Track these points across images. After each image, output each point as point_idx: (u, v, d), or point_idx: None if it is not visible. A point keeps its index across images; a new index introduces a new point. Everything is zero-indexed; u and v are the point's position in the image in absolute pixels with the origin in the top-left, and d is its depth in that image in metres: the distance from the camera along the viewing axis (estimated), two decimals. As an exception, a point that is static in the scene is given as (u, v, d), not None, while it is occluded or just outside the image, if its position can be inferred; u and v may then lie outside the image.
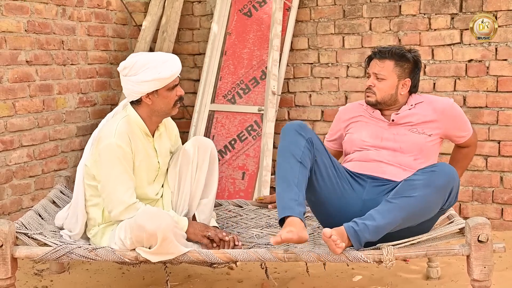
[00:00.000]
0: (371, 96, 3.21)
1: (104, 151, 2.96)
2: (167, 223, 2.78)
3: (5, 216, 3.95)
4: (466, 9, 4.31)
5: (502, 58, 4.23)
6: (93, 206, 3.11)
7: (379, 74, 3.18)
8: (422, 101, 3.23)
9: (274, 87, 4.63)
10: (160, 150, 3.17)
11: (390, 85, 3.17)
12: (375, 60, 3.22)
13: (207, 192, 3.26)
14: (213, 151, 3.25)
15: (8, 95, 3.97)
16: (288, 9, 4.79)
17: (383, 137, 3.18)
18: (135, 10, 5.23)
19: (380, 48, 3.24)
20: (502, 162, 4.28)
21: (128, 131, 3.00)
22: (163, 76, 2.95)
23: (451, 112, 3.21)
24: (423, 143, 3.13)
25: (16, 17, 4.02)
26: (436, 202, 2.82)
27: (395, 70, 3.17)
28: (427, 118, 3.18)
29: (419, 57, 3.26)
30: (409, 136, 3.15)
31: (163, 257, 2.83)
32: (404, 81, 3.19)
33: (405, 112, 3.20)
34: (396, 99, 3.20)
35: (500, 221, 4.29)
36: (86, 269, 3.73)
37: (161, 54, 3.05)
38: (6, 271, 2.83)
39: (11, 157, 4.00)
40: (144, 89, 2.97)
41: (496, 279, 3.18)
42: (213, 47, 4.98)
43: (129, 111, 3.08)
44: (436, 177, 2.78)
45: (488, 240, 2.68)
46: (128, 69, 2.97)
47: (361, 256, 2.72)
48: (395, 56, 3.18)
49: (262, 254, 2.78)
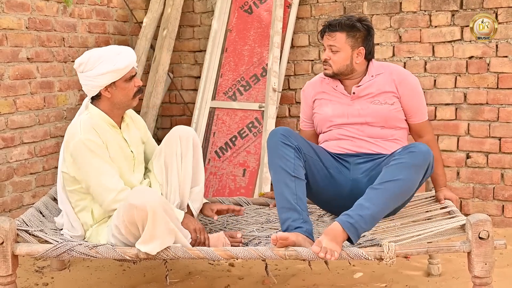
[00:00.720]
0: (328, 68, 3.29)
1: (76, 150, 2.97)
2: (155, 198, 2.79)
3: (6, 213, 3.95)
4: (466, 6, 4.30)
5: (502, 55, 4.23)
6: (81, 211, 3.11)
7: (332, 47, 3.25)
8: (383, 72, 3.31)
9: (274, 84, 4.63)
10: (131, 140, 3.19)
11: (344, 56, 3.25)
12: (327, 33, 3.27)
13: (196, 180, 3.27)
14: (195, 139, 3.27)
15: (9, 92, 3.96)
16: (289, 6, 4.78)
17: (349, 113, 3.29)
18: (136, 7, 5.23)
19: (330, 21, 3.28)
20: (503, 159, 4.27)
21: (93, 125, 3.02)
22: (118, 67, 2.99)
23: (410, 83, 3.30)
24: (386, 112, 3.25)
25: (17, 14, 4.01)
26: (418, 179, 2.97)
27: (347, 41, 3.23)
28: (387, 88, 3.27)
29: (370, 23, 3.31)
30: (372, 108, 3.25)
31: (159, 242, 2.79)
32: (358, 50, 3.25)
33: (366, 84, 3.28)
34: (353, 68, 3.28)
35: (501, 218, 4.29)
36: (87, 266, 3.73)
37: (114, 47, 3.09)
38: (7, 268, 2.83)
39: (12, 154, 4.00)
40: (102, 82, 3.01)
41: (497, 276, 3.18)
42: (213, 44, 4.98)
43: (90, 109, 3.11)
44: (415, 157, 2.91)
45: (489, 237, 2.68)
46: (84, 65, 3.01)
47: (362, 253, 2.72)
48: (345, 27, 3.23)
49: (263, 251, 2.78)
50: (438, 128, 4.44)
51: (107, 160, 3.00)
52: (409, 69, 4.49)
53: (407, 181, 2.89)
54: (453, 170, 4.42)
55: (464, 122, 4.36)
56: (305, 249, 2.75)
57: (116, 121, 3.14)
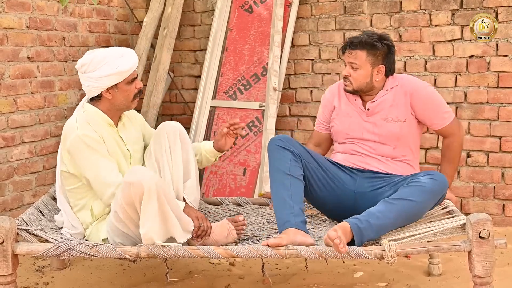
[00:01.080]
0: (348, 85, 3.32)
1: (73, 146, 2.99)
2: (150, 175, 2.81)
3: (6, 212, 3.95)
4: (466, 5, 4.30)
5: (503, 54, 4.23)
6: (80, 210, 3.12)
7: (353, 64, 3.27)
8: (397, 84, 3.32)
9: (275, 83, 4.63)
10: (127, 138, 3.20)
11: (364, 73, 3.27)
12: (348, 51, 3.30)
13: (188, 173, 3.27)
14: (182, 132, 3.27)
15: (9, 91, 3.97)
16: (289, 5, 4.78)
17: (364, 129, 3.32)
18: (136, 7, 5.23)
19: (352, 39, 3.30)
20: (503, 158, 4.27)
21: (89, 121, 3.04)
22: (122, 69, 3.01)
23: (421, 95, 3.29)
24: (398, 132, 3.27)
25: (17, 14, 4.01)
26: (430, 205, 3.05)
27: (368, 59, 3.26)
28: (400, 102, 3.28)
29: (390, 42, 3.32)
30: (385, 127, 3.28)
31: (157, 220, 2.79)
32: (378, 68, 3.27)
33: (380, 99, 3.30)
34: (372, 85, 3.30)
35: (502, 217, 4.29)
36: (87, 265, 3.73)
37: (117, 48, 3.11)
38: (7, 267, 2.83)
39: (13, 153, 4.00)
40: (104, 84, 3.02)
41: (497, 275, 3.18)
42: (214, 43, 4.98)
43: (86, 107, 3.12)
44: (435, 184, 2.99)
45: (489, 236, 2.68)
46: (87, 66, 3.02)
47: (362, 252, 2.72)
48: (366, 46, 3.25)
49: (263, 250, 2.78)
50: (439, 127, 4.44)
51: (105, 155, 3.02)
52: (409, 69, 4.50)
53: (421, 203, 2.97)
54: (454, 169, 4.42)
55: (464, 121, 4.36)
56: (305, 248, 2.76)
57: (114, 120, 3.15)
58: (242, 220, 3.12)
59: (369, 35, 3.28)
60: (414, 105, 3.27)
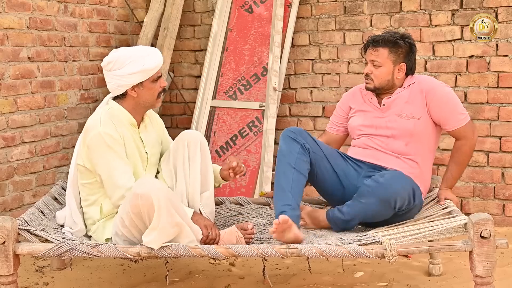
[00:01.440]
0: (370, 82, 3.36)
1: (93, 142, 2.99)
2: (159, 187, 2.80)
3: (6, 212, 3.95)
4: (466, 5, 4.30)
5: (502, 54, 4.23)
6: (90, 205, 3.12)
7: (375, 62, 3.32)
8: (414, 82, 3.35)
9: (275, 83, 4.63)
10: (147, 140, 3.19)
11: (386, 71, 3.31)
12: (370, 48, 3.35)
13: (206, 185, 3.26)
14: (203, 143, 3.26)
15: (9, 91, 3.96)
16: (289, 5, 4.78)
17: (377, 125, 3.36)
18: (136, 7, 5.23)
19: (374, 37, 3.35)
20: (504, 158, 4.28)
21: (112, 119, 3.04)
22: (148, 67, 3.02)
23: (437, 93, 3.30)
24: (412, 128, 3.28)
25: (18, 14, 4.01)
26: (381, 210, 3.05)
27: (389, 57, 3.30)
28: (415, 99, 3.31)
29: (412, 40, 3.36)
30: (398, 122, 3.30)
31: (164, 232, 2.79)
32: (399, 65, 3.32)
33: (396, 95, 3.34)
34: (394, 83, 3.34)
35: (502, 217, 4.29)
36: (88, 265, 3.73)
37: (143, 47, 3.13)
38: (8, 268, 2.82)
39: (13, 153, 4.00)
40: (130, 82, 3.03)
41: (498, 275, 3.18)
42: (214, 43, 4.98)
43: (111, 104, 3.12)
44: (379, 189, 3.02)
45: (490, 236, 2.68)
46: (113, 64, 3.02)
47: (363, 251, 2.72)
48: (388, 43, 3.30)
49: (264, 249, 2.78)
50: (439, 127, 4.44)
51: (122, 156, 3.01)
52: (410, 69, 4.50)
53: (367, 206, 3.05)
54: (454, 169, 4.42)
55: (464, 121, 4.36)
56: (306, 247, 2.76)
57: (137, 120, 3.15)
58: (251, 229, 3.10)
59: (392, 33, 3.35)
60: (430, 103, 3.28)
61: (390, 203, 3.01)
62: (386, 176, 3.05)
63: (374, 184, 3.03)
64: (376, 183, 3.03)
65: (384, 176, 3.04)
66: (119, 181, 2.98)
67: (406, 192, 3.04)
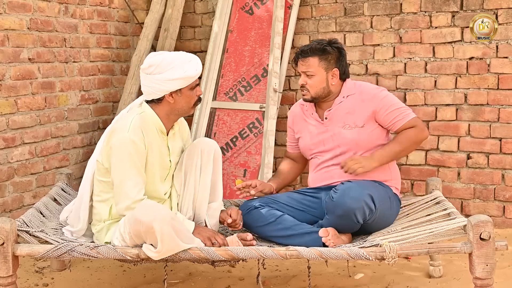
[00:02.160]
0: (306, 94, 3.37)
1: (117, 145, 2.96)
2: (162, 215, 2.77)
3: (6, 213, 3.95)
4: (466, 7, 4.30)
5: (503, 56, 4.23)
6: (101, 201, 3.11)
7: (307, 72, 3.33)
8: (354, 93, 3.36)
9: (275, 85, 4.63)
10: (173, 149, 3.18)
11: (320, 79, 3.32)
12: (300, 60, 3.35)
13: (215, 195, 3.25)
14: (217, 153, 3.24)
15: (10, 92, 3.97)
16: (290, 6, 4.78)
17: (324, 140, 3.37)
18: (137, 8, 5.23)
19: (302, 48, 3.37)
20: (504, 160, 4.27)
21: (142, 127, 3.00)
22: (189, 74, 2.99)
23: (378, 98, 3.31)
24: (357, 137, 3.29)
25: (18, 15, 4.01)
26: (346, 224, 3.05)
27: (320, 65, 3.32)
28: (357, 109, 3.31)
29: (340, 45, 3.39)
30: (343, 134, 3.31)
31: (166, 255, 2.82)
32: (332, 72, 3.33)
33: (336, 107, 3.35)
34: (330, 90, 3.35)
35: (502, 219, 4.29)
36: (87, 266, 3.73)
37: (184, 53, 3.07)
38: (8, 269, 2.83)
39: (13, 154, 4.00)
40: (169, 88, 2.99)
41: (498, 277, 3.18)
42: (214, 44, 4.98)
43: (144, 108, 3.08)
44: (334, 207, 3.03)
45: (490, 238, 2.68)
46: (154, 67, 2.97)
47: (363, 253, 2.72)
48: (316, 52, 3.32)
49: (264, 251, 2.78)
50: (439, 129, 4.44)
51: (139, 167, 2.98)
52: (410, 70, 4.50)
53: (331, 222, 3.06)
54: (454, 171, 4.42)
55: (464, 123, 4.36)
56: (305, 249, 2.76)
57: (167, 127, 3.12)
58: (250, 240, 3.09)
59: (318, 41, 3.37)
60: (376, 108, 3.28)
61: (351, 218, 2.99)
62: (338, 192, 3.04)
63: (330, 202, 3.05)
64: (331, 200, 3.05)
65: (337, 192, 3.04)
66: (128, 192, 2.95)
67: (360, 203, 2.99)
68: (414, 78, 4.50)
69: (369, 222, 3.07)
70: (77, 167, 4.58)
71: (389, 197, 3.22)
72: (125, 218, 2.91)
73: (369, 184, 3.15)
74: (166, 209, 2.92)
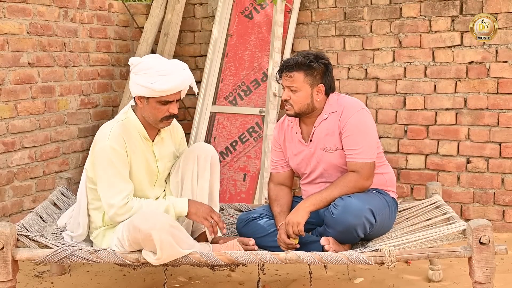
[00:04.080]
0: (290, 109, 3.19)
1: (98, 154, 2.97)
2: (162, 223, 2.76)
3: (6, 217, 3.95)
4: (466, 11, 4.31)
5: (502, 60, 4.23)
6: (94, 209, 3.11)
7: (291, 87, 3.15)
8: (336, 110, 3.19)
9: (275, 89, 4.63)
10: (161, 154, 3.15)
11: (304, 95, 3.14)
12: (285, 74, 3.18)
13: (212, 202, 3.24)
14: (214, 158, 3.21)
15: (10, 96, 3.97)
16: (289, 11, 4.79)
17: (310, 162, 3.26)
18: (137, 12, 5.24)
19: (287, 61, 3.18)
20: (503, 164, 4.27)
21: (123, 134, 2.99)
22: (155, 87, 2.91)
23: (349, 121, 3.14)
24: (338, 161, 3.18)
25: (18, 19, 4.02)
26: (346, 238, 3.03)
27: (306, 80, 3.14)
28: (334, 130, 3.17)
29: (327, 60, 3.20)
30: (325, 157, 3.21)
31: (167, 261, 2.82)
32: (317, 87, 3.16)
33: (320, 127, 3.20)
34: (313, 106, 3.18)
35: (502, 223, 4.29)
36: (87, 271, 3.73)
37: (167, 65, 2.98)
38: (7, 273, 2.83)
39: (13, 158, 4.00)
40: (136, 91, 2.97)
41: (498, 281, 3.18)
42: (214, 49, 4.98)
43: (129, 114, 3.08)
44: (335, 224, 2.98)
45: (490, 242, 2.68)
46: (133, 66, 2.99)
47: (363, 257, 2.72)
48: (302, 66, 3.12)
49: (263, 255, 2.78)
50: (439, 133, 4.44)
51: (122, 174, 2.97)
52: (409, 74, 4.50)
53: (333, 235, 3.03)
54: (454, 175, 4.42)
55: (464, 127, 4.36)
56: (305, 254, 2.76)
57: (150, 133, 3.09)
58: (252, 245, 3.07)
59: (304, 55, 3.16)
60: (343, 128, 3.14)
61: (352, 233, 2.98)
62: (338, 208, 2.98)
63: (331, 218, 2.99)
64: (331, 216, 2.99)
65: (337, 208, 2.98)
66: (112, 200, 2.94)
67: (361, 220, 2.96)
68: (413, 82, 4.50)
69: (369, 234, 3.06)
70: (77, 171, 4.58)
71: (387, 205, 3.18)
72: (124, 225, 2.91)
73: (368, 196, 3.08)
74: (165, 216, 2.90)
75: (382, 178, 3.26)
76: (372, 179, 3.14)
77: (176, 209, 3.01)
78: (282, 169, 3.41)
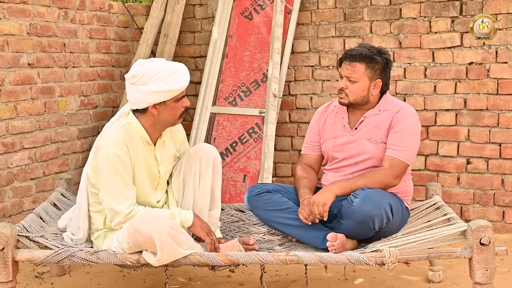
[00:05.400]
0: (344, 98, 3.27)
1: (102, 161, 2.94)
2: (162, 225, 2.76)
3: (6, 218, 3.95)
4: (466, 12, 4.31)
5: (502, 61, 4.24)
6: (95, 212, 3.10)
7: (351, 77, 3.22)
8: (391, 109, 3.26)
9: (275, 90, 4.63)
10: (162, 158, 3.14)
11: (362, 87, 3.22)
12: (346, 63, 3.24)
13: (214, 203, 3.24)
14: (216, 160, 3.21)
15: (10, 97, 3.97)
16: (289, 12, 4.79)
17: (347, 149, 3.30)
18: (136, 13, 5.24)
19: (351, 51, 3.24)
20: (503, 165, 4.27)
21: (126, 140, 2.96)
22: (173, 88, 2.90)
23: (403, 122, 3.21)
24: (378, 153, 3.22)
25: (18, 20, 4.02)
26: (361, 230, 3.02)
27: (366, 73, 3.21)
28: (384, 124, 3.23)
29: (389, 56, 3.29)
30: (368, 146, 3.24)
31: (167, 262, 2.82)
32: (375, 82, 3.24)
33: (370, 119, 3.27)
34: (368, 99, 3.26)
35: (502, 224, 4.29)
36: (87, 272, 3.73)
37: (170, 64, 2.98)
38: (8, 274, 2.83)
39: (13, 159, 4.00)
40: (152, 100, 2.92)
41: (498, 282, 3.18)
42: (214, 49, 4.99)
43: (130, 119, 3.04)
44: (354, 212, 2.98)
45: (490, 243, 2.69)
46: (137, 78, 2.91)
47: (363, 258, 2.72)
48: (365, 59, 3.20)
49: (263, 256, 2.78)
50: (439, 134, 4.44)
51: (127, 181, 2.96)
52: (409, 75, 4.50)
53: (348, 227, 3.03)
54: (454, 176, 4.42)
55: (464, 128, 4.37)
56: (306, 254, 2.76)
57: (153, 137, 3.08)
58: (253, 245, 3.07)
59: (369, 48, 3.24)
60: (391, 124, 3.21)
61: (369, 224, 2.97)
62: (359, 197, 2.99)
63: (349, 207, 2.99)
64: (351, 205, 2.99)
65: (358, 197, 2.99)
66: (118, 207, 2.93)
67: (381, 211, 2.97)
68: (413, 83, 4.51)
69: (382, 230, 3.05)
70: (77, 172, 4.58)
71: (402, 211, 3.19)
72: (124, 228, 2.90)
73: (387, 194, 3.10)
74: (166, 218, 2.89)
75: (404, 186, 3.29)
76: (399, 181, 3.19)
77: (183, 217, 3.00)
78: (314, 152, 3.49)
